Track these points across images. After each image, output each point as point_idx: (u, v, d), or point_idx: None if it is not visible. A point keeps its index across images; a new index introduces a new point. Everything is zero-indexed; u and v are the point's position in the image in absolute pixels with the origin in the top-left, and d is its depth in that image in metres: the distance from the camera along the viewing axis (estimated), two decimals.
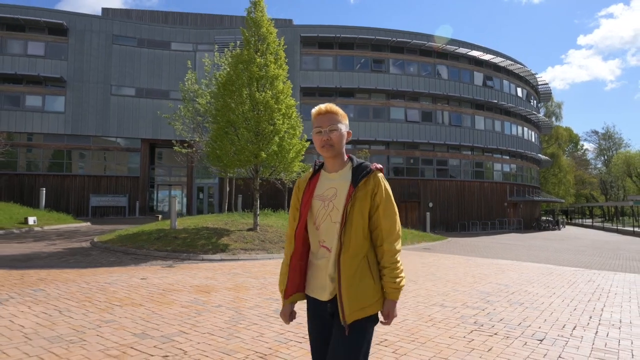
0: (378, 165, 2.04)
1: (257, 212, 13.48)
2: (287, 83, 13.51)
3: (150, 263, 9.60)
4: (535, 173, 44.59)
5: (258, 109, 12.73)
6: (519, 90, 40.48)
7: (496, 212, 36.59)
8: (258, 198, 13.63)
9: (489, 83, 37.27)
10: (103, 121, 29.73)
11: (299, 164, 14.57)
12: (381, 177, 2.03)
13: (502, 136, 37.80)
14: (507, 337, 4.48)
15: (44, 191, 23.35)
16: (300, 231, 2.05)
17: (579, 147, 77.44)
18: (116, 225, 19.74)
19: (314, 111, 2.07)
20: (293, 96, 13.95)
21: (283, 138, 13.11)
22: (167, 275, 7.99)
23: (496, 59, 36.85)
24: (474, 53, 35.52)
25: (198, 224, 13.74)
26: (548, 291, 7.17)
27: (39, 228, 16.79)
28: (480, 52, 35.85)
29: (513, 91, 39.48)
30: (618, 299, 6.68)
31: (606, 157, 71.53)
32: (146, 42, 30.86)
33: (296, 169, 14.59)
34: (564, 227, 45.09)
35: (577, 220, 63.35)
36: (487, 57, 36.28)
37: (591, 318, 5.41)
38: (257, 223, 13.26)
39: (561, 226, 43.75)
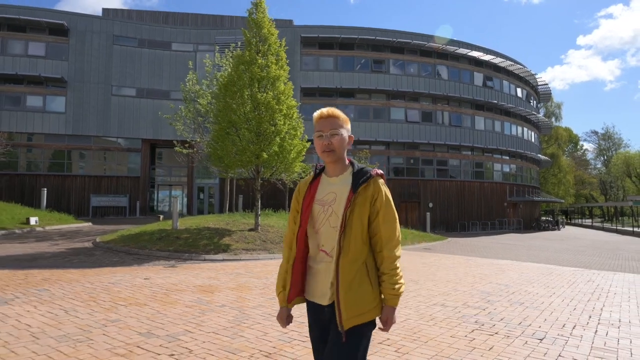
0: (379, 171, 2.03)
1: (259, 213, 13.55)
2: (288, 84, 13.57)
3: (152, 263, 9.66)
4: (535, 173, 44.67)
5: (259, 110, 12.79)
6: (519, 90, 40.56)
7: (496, 212, 36.67)
8: (259, 198, 13.71)
9: (489, 83, 37.35)
10: (104, 121, 29.79)
11: (300, 164, 14.62)
12: (381, 183, 2.01)
13: (502, 136, 37.87)
14: (508, 336, 4.54)
15: (45, 191, 23.40)
16: (301, 235, 2.04)
17: (579, 148, 77.58)
18: (117, 225, 19.79)
19: (316, 115, 2.04)
20: (293, 96, 14.00)
21: (284, 139, 13.16)
22: (170, 275, 8.05)
23: (496, 60, 36.92)
24: (474, 53, 35.59)
25: (199, 224, 13.79)
26: (548, 291, 7.23)
27: (41, 228, 16.85)
28: (480, 53, 35.92)
29: (513, 91, 39.55)
30: (617, 299, 6.74)
31: (606, 158, 71.63)
32: (147, 43, 30.92)
33: (297, 170, 14.65)
34: (564, 227, 45.16)
35: (577, 220, 63.40)
36: (487, 58, 36.36)
37: (591, 317, 5.47)
38: (259, 223, 13.32)
39: (561, 226, 43.82)
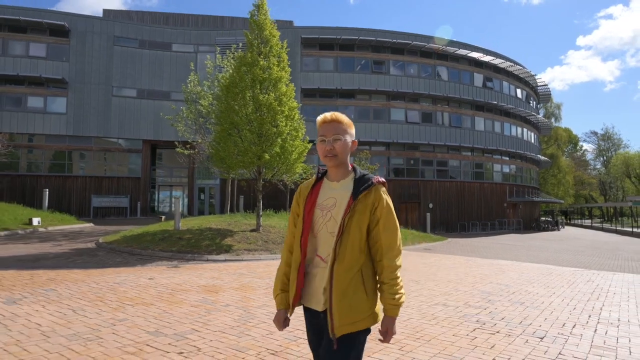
0: (381, 178, 1.99)
1: (260, 213, 13.63)
2: (290, 86, 13.65)
3: (156, 263, 9.74)
4: (534, 174, 44.78)
5: (261, 111, 12.87)
6: (519, 91, 40.66)
7: (496, 213, 36.76)
8: (261, 199, 13.79)
9: (489, 84, 37.44)
10: (104, 122, 29.86)
11: (301, 165, 14.71)
12: (383, 191, 1.97)
13: (502, 137, 37.97)
14: (509, 335, 4.63)
15: (47, 192, 23.46)
16: (305, 240, 1.99)
17: (578, 148, 77.74)
18: (119, 226, 19.87)
19: (320, 119, 2.01)
20: (294, 97, 14.09)
21: (286, 140, 13.24)
22: (174, 275, 8.13)
23: (496, 61, 37.02)
24: (474, 54, 35.68)
25: (201, 225, 13.88)
26: (548, 291, 7.32)
27: (43, 229, 16.92)
28: (480, 54, 36.01)
29: (513, 92, 39.65)
30: (617, 299, 6.82)
31: (605, 158, 71.77)
32: (147, 44, 30.99)
33: (298, 171, 14.73)
34: (563, 228, 45.26)
35: (576, 220, 63.50)
36: (487, 59, 36.45)
37: (590, 317, 5.56)
38: (260, 224, 13.40)
39: (560, 227, 43.92)
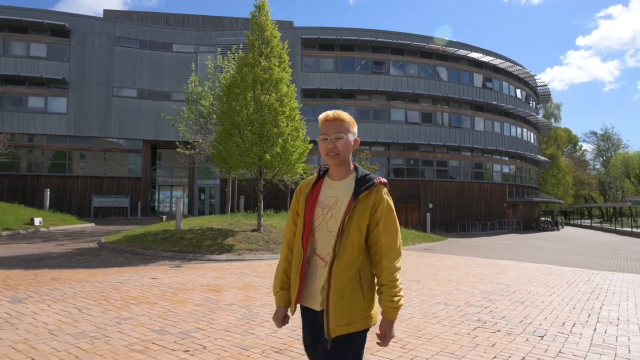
0: (382, 179, 1.98)
1: (261, 213, 13.69)
2: (291, 86, 13.70)
3: (158, 263, 9.80)
4: (534, 174, 44.86)
5: (262, 112, 12.92)
6: (518, 91, 40.74)
7: (495, 213, 36.84)
8: (262, 199, 13.84)
9: (489, 84, 37.52)
10: (105, 122, 29.91)
11: (302, 166, 14.76)
12: (384, 192, 1.96)
13: (502, 137, 38.04)
14: (510, 334, 4.69)
15: (48, 192, 23.51)
16: (306, 238, 1.98)
17: (578, 148, 77.85)
18: (120, 226, 19.93)
19: (322, 117, 1.99)
20: (295, 98, 14.15)
21: (287, 140, 13.29)
22: (177, 275, 8.18)
23: (495, 61, 37.09)
24: (474, 55, 35.75)
25: (203, 225, 13.93)
26: (548, 290, 7.38)
27: (45, 229, 16.97)
28: (479, 54, 36.08)
29: (512, 92, 39.73)
30: (616, 298, 6.89)
31: (605, 158, 71.87)
32: (148, 44, 31.05)
33: (299, 171, 14.77)
34: (563, 228, 45.35)
35: (576, 220, 63.61)
36: (487, 59, 36.52)
37: (590, 316, 5.62)
38: (261, 224, 13.46)
39: (560, 227, 44.00)
